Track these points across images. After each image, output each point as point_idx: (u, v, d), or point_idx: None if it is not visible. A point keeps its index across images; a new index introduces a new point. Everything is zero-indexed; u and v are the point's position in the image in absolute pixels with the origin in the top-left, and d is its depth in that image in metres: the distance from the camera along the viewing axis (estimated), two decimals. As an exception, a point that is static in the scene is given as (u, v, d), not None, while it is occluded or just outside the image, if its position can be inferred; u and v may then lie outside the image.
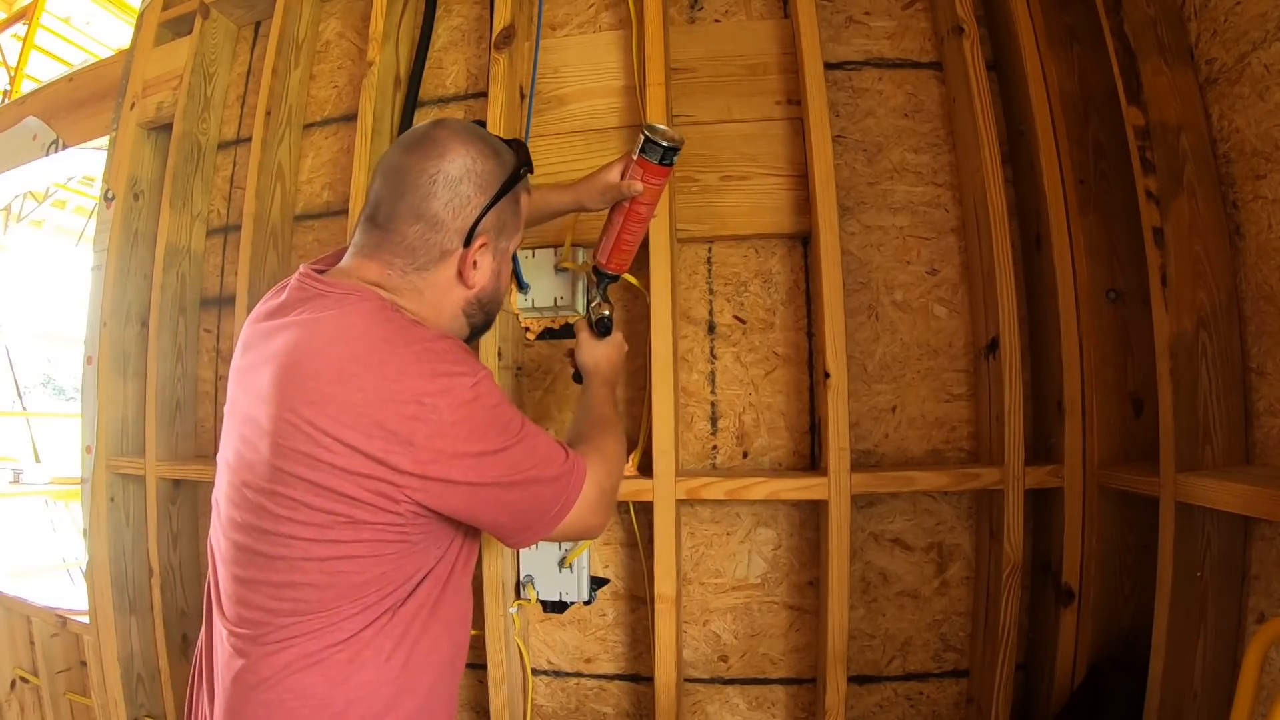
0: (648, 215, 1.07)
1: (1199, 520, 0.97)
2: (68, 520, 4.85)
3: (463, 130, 0.83)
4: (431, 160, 0.79)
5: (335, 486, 0.70)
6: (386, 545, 0.74)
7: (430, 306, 0.82)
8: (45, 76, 4.24)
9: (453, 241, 0.81)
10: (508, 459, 0.76)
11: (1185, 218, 1.01)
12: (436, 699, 0.82)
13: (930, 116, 1.33)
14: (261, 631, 0.74)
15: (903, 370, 1.30)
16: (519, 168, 0.86)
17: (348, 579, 0.73)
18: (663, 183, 1.04)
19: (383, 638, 0.75)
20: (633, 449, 1.32)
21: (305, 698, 0.72)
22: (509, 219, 0.86)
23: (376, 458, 0.70)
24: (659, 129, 1.00)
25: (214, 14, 1.70)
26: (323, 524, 0.71)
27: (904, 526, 1.29)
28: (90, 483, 1.67)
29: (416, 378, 0.72)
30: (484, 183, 0.82)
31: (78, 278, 5.13)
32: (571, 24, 1.46)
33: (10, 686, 2.21)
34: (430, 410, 0.71)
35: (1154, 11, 1.06)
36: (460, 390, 0.73)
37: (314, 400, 0.71)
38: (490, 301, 0.89)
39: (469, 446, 0.73)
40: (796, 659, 1.31)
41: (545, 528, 0.81)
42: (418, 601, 0.78)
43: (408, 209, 0.79)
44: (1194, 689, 0.97)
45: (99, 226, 1.80)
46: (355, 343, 0.74)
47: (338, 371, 0.72)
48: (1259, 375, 0.98)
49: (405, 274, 0.81)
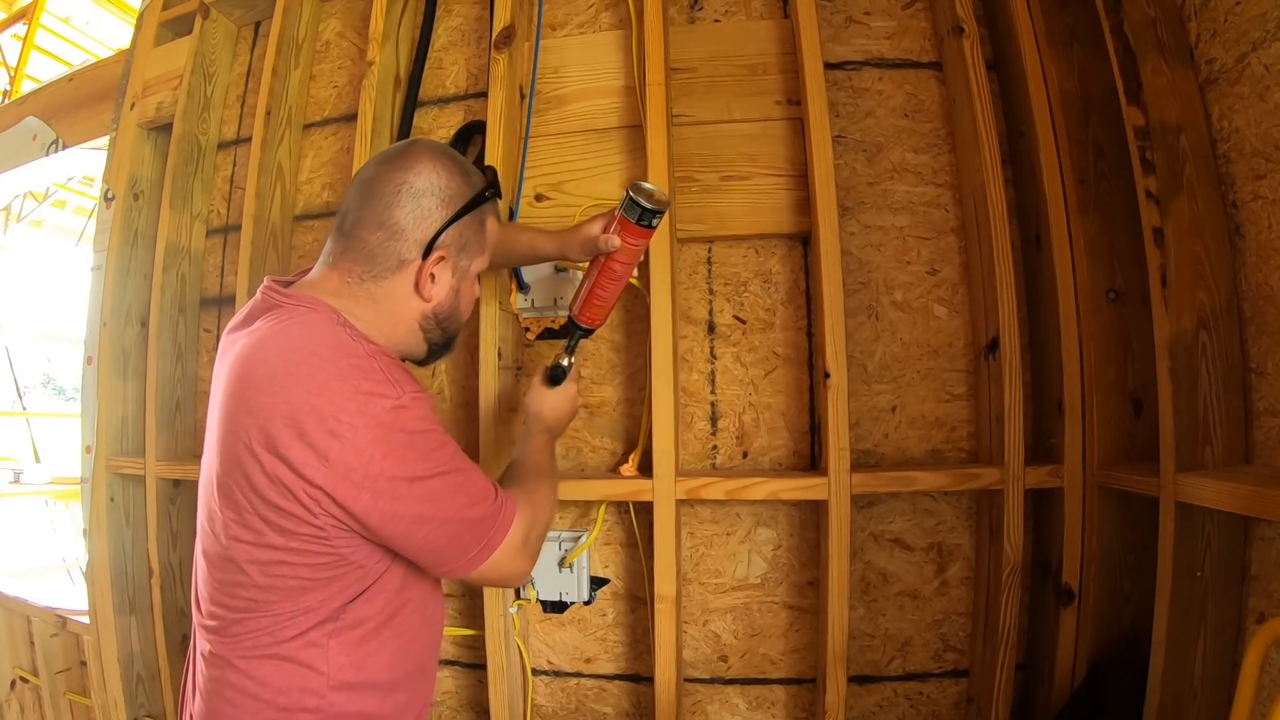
0: (623, 274, 1.06)
1: (1199, 520, 0.97)
2: (68, 520, 4.85)
3: (435, 148, 0.86)
4: (399, 172, 0.82)
5: (264, 493, 0.73)
6: (315, 556, 0.75)
7: (386, 316, 0.84)
8: (45, 76, 4.24)
9: (411, 252, 0.82)
10: (425, 490, 0.75)
11: (1185, 218, 1.01)
12: (398, 704, 0.84)
13: (930, 116, 1.33)
14: (223, 624, 0.78)
15: (903, 370, 1.30)
16: (485, 190, 0.87)
17: (285, 582, 0.76)
18: (641, 244, 1.02)
19: (334, 642, 0.78)
20: (633, 449, 1.32)
21: (263, 685, 0.77)
22: (472, 239, 0.87)
23: (295, 469, 0.71)
24: (644, 188, 0.98)
25: (214, 14, 1.70)
26: (258, 528, 0.74)
27: (904, 526, 1.29)
28: (90, 483, 1.67)
29: (337, 394, 0.72)
30: (448, 199, 0.83)
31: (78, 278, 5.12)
32: (571, 24, 1.46)
33: (10, 686, 2.21)
34: (346, 428, 0.71)
35: (1154, 11, 1.06)
36: (378, 411, 0.72)
37: (251, 409, 0.74)
38: (448, 320, 0.89)
39: (381, 469, 0.72)
40: (796, 659, 1.31)
41: (462, 568, 0.80)
42: (366, 610, 0.80)
43: (371, 216, 0.82)
44: (1194, 689, 0.97)
45: (99, 226, 1.80)
46: (290, 355, 0.75)
47: (270, 381, 0.74)
48: (1259, 375, 0.98)
49: (363, 282, 0.82)
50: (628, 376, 1.37)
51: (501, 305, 1.32)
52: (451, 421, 1.45)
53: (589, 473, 1.37)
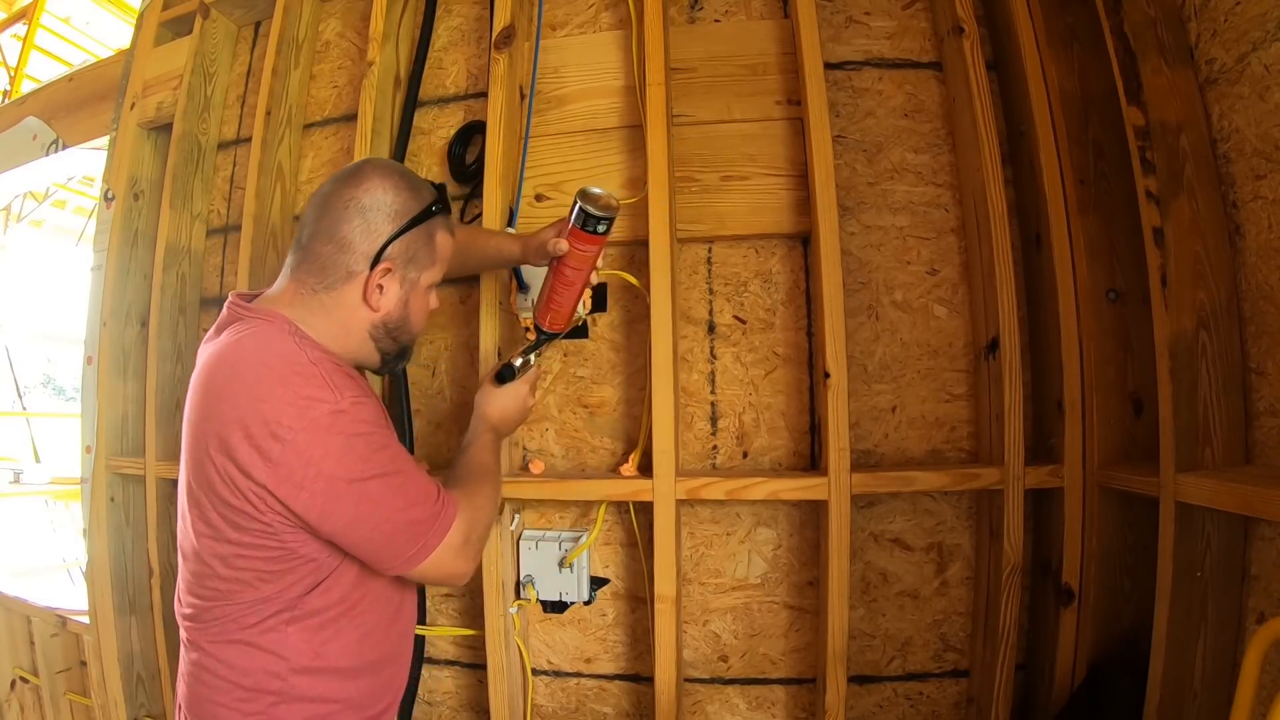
0: (575, 280, 1.07)
1: (1199, 520, 0.97)
2: (68, 520, 4.84)
3: (385, 166, 0.91)
4: (349, 189, 0.88)
5: (219, 492, 0.79)
6: (267, 550, 0.81)
7: (338, 326, 0.89)
8: (45, 76, 4.24)
9: (359, 264, 0.87)
10: (363, 491, 0.80)
11: (1185, 218, 1.01)
12: (364, 689, 0.89)
13: (930, 116, 1.33)
14: (197, 612, 0.86)
15: (903, 370, 1.30)
16: (431, 205, 0.91)
17: (244, 574, 0.82)
18: (588, 250, 1.03)
19: (292, 629, 0.83)
20: (633, 449, 1.32)
21: (230, 667, 0.83)
22: (419, 251, 0.91)
23: (243, 469, 0.77)
24: (592, 194, 1.00)
25: (214, 14, 1.70)
26: (217, 525, 0.81)
27: (904, 526, 1.29)
28: (90, 483, 1.67)
29: (280, 399, 0.78)
30: (395, 213, 0.88)
31: (78, 278, 5.12)
32: (571, 24, 1.46)
33: (10, 686, 2.21)
34: (287, 430, 0.77)
35: (1154, 11, 1.06)
36: (317, 415, 0.78)
37: (209, 415, 0.81)
38: (398, 329, 0.93)
39: (320, 470, 0.77)
40: (796, 659, 1.31)
41: (401, 566, 0.85)
42: (324, 600, 0.85)
43: (323, 230, 0.87)
44: (1194, 689, 0.97)
45: (99, 226, 1.80)
46: (240, 364, 0.82)
47: (224, 389, 0.81)
48: (1259, 375, 0.98)
49: (315, 292, 0.88)
50: (628, 376, 1.37)
51: (501, 305, 1.32)
52: (452, 421, 1.45)
53: (589, 473, 1.37)
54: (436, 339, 1.48)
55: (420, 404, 1.47)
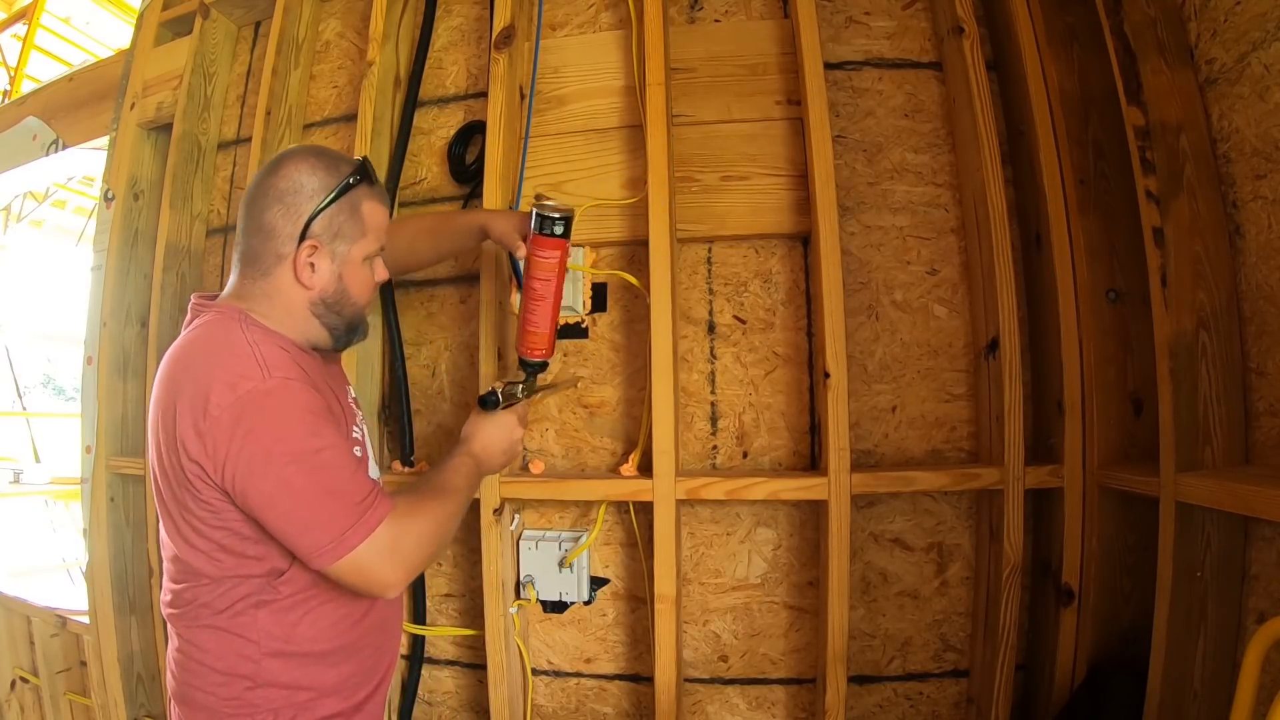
0: (544, 293, 1.04)
1: (1199, 520, 0.97)
2: (68, 520, 4.84)
3: (301, 151, 0.94)
4: (269, 178, 0.91)
5: (170, 475, 0.83)
6: (215, 530, 0.83)
7: (282, 309, 0.91)
8: (45, 76, 4.24)
9: (286, 246, 0.90)
10: (280, 472, 0.79)
11: (1185, 218, 1.01)
12: (343, 675, 0.90)
13: (930, 116, 1.33)
14: (175, 598, 0.88)
15: (903, 370, 1.30)
16: (350, 177, 0.92)
17: (204, 558, 0.84)
18: (549, 256, 1.01)
19: (262, 613, 0.85)
20: (633, 449, 1.32)
21: (205, 651, 0.85)
22: (345, 224, 0.92)
23: (183, 447, 0.80)
24: (547, 199, 1.01)
25: (214, 14, 1.70)
26: (174, 511, 0.85)
27: (904, 526, 1.29)
28: (90, 483, 1.67)
29: (215, 379, 0.81)
30: (313, 192, 0.90)
31: (78, 278, 5.12)
32: (571, 24, 1.46)
33: (10, 686, 2.21)
34: (214, 407, 0.79)
35: (1154, 11, 1.06)
36: (242, 391, 0.80)
37: (163, 405, 0.84)
38: (339, 304, 0.94)
39: (243, 445, 0.78)
40: (796, 659, 1.31)
41: (318, 559, 0.80)
42: (294, 585, 0.86)
43: (251, 223, 0.91)
44: (1194, 689, 0.97)
45: (99, 226, 1.80)
46: (187, 352, 0.86)
47: (173, 376, 0.84)
48: (1259, 375, 0.98)
49: (255, 281, 0.91)
50: (628, 376, 1.37)
51: (502, 305, 1.32)
52: (452, 421, 1.45)
53: (589, 473, 1.37)
54: (436, 339, 1.48)
55: (420, 404, 1.47)
